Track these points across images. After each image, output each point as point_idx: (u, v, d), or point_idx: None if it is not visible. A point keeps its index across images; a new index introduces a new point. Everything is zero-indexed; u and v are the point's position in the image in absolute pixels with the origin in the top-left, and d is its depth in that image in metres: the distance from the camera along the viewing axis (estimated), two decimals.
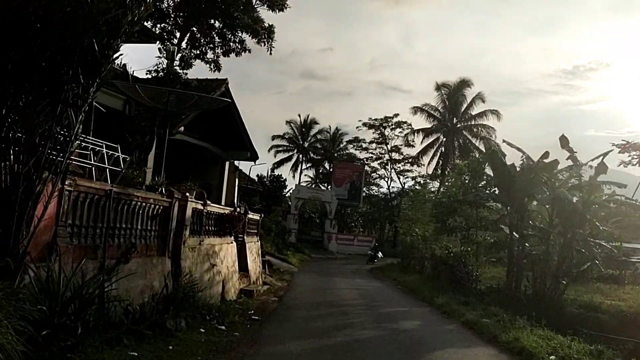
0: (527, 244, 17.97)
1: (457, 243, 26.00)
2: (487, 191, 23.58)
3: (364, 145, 53.76)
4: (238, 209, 16.76)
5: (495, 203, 23.48)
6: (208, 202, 13.20)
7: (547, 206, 17.74)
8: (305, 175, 64.22)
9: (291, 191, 43.50)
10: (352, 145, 54.24)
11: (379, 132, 52.98)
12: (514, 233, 17.89)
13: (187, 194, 11.50)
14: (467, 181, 27.27)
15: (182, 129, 18.44)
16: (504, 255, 21.14)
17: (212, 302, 11.78)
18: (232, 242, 15.63)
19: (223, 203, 21.02)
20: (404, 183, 52.84)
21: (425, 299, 17.77)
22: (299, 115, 66.69)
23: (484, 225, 24.63)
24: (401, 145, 53.10)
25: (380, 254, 38.54)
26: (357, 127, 53.73)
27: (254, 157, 26.29)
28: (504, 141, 21.96)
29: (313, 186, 56.70)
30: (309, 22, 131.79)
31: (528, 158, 19.19)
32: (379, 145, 53.39)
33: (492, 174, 21.47)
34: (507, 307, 14.17)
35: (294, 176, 66.30)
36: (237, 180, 30.36)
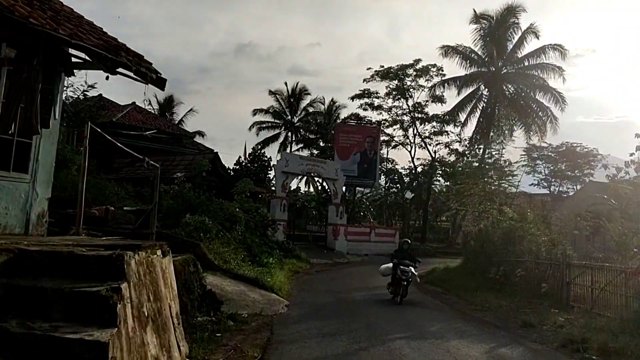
0: None
1: None
2: None
3: (377, 103, 38.77)
4: None
5: None
6: None
7: None
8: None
9: (275, 163, 28.76)
10: (359, 104, 39.32)
11: (396, 83, 38.17)
12: None
13: None
14: None
15: None
16: None
17: None
18: None
19: None
20: (435, 152, 38.23)
21: None
22: (286, 84, 52.48)
23: None
24: (427, 101, 38.42)
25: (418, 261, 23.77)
26: (364, 80, 38.99)
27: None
28: None
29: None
30: (295, 17, 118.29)
31: None
32: (397, 101, 38.51)
33: None
34: None
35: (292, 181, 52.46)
36: None
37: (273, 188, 29.32)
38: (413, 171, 38.51)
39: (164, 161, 29.91)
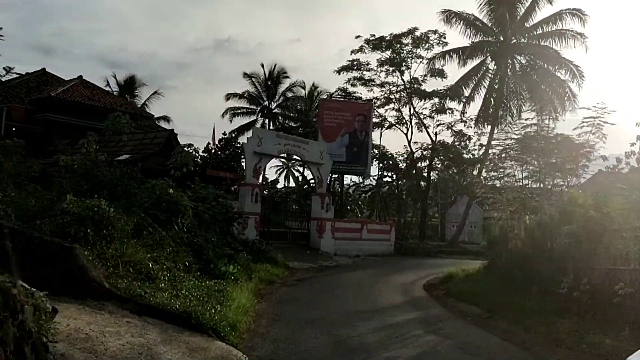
0: None
1: None
2: None
3: (367, 76, 32.98)
4: None
5: None
6: None
7: None
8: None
9: (245, 142, 22.79)
10: (346, 78, 33.50)
11: (389, 54, 32.55)
12: None
13: None
14: None
15: None
16: None
17: None
18: None
19: None
20: (437, 133, 32.73)
21: None
22: (263, 66, 46.99)
23: None
24: (425, 75, 32.91)
25: None
26: (352, 52, 33.28)
27: None
28: None
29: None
30: (274, 13, 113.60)
31: None
32: (390, 75, 32.86)
33: None
34: None
35: (267, 165, 47.06)
36: None
37: (243, 174, 23.50)
38: (409, 157, 32.97)
39: (108, 142, 24.21)
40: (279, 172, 61.00)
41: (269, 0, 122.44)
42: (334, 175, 33.92)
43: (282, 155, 24.04)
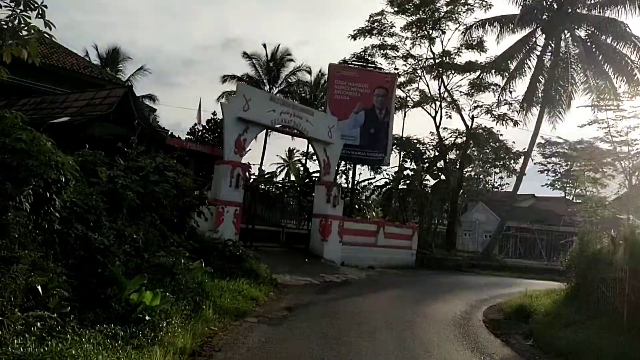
0: None
1: None
2: None
3: (390, 42, 26.71)
4: None
5: None
6: None
7: None
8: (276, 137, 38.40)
9: (224, 103, 16.41)
10: (364, 46, 27.17)
11: (417, 19, 26.35)
12: None
13: None
14: None
15: None
16: None
17: None
18: None
19: None
20: (473, 117, 26.50)
21: None
22: (265, 46, 41.37)
23: None
24: (459, 48, 26.68)
25: None
26: (370, 18, 27.06)
27: None
28: None
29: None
30: (283, 14, 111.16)
31: None
32: (418, 45, 26.64)
33: None
34: None
35: (255, 137, 41.42)
36: None
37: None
38: (440, 144, 26.65)
39: (51, 102, 18.64)
40: (279, 169, 54.64)
41: (278, 1, 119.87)
42: (341, 165, 27.82)
43: (278, 126, 17.87)
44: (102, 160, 9.34)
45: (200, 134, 32.49)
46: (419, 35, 26.10)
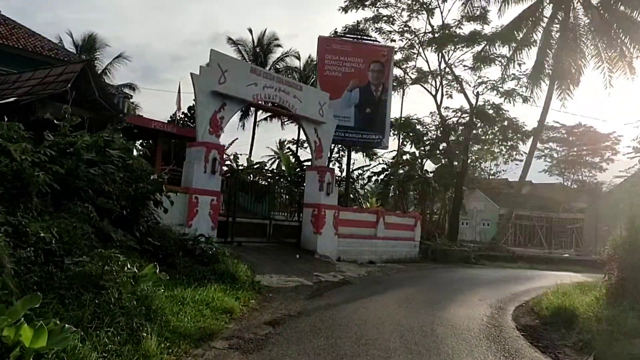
0: None
1: None
2: None
3: (386, 13, 24.38)
4: None
5: None
6: None
7: None
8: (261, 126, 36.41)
9: (195, 74, 14.13)
10: (356, 20, 24.76)
11: None
12: None
13: None
14: None
15: None
16: None
17: None
18: None
19: None
20: (478, 94, 24.24)
21: None
22: (250, 31, 39.06)
23: None
24: (459, 20, 24.37)
25: None
26: None
27: None
28: None
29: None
30: (272, 8, 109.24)
31: None
32: (414, 17, 24.29)
33: None
34: None
35: (243, 127, 39.77)
36: None
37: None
38: (442, 125, 24.38)
39: (1, 82, 16.30)
40: (270, 162, 51.89)
41: None
42: (334, 152, 25.56)
43: (261, 103, 15.51)
44: (21, 136, 7.06)
45: (181, 121, 30.12)
46: (416, 3, 23.72)
